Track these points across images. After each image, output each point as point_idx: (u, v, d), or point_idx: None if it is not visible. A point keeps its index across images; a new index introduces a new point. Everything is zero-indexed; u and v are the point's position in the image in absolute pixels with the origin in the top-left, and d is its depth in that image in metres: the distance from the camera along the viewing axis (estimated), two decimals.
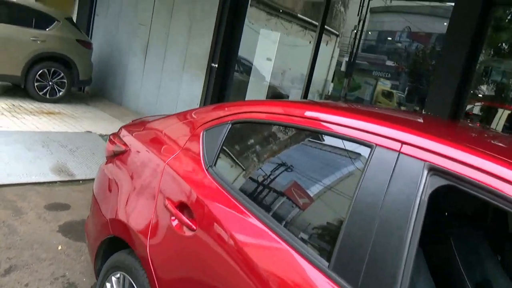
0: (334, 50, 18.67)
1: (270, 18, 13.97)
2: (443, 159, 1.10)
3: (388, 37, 22.34)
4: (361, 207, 1.17)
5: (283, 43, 12.10)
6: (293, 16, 13.35)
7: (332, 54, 18.60)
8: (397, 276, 1.05)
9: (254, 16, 13.48)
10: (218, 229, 1.46)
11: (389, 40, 22.27)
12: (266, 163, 1.58)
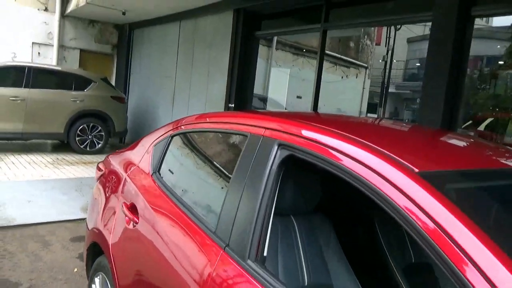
0: (365, 81, 18.79)
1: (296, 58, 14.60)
2: (289, 138, 1.38)
3: (417, 64, 22.13)
4: (236, 180, 1.46)
5: (296, 77, 12.59)
6: (311, 51, 13.82)
7: (363, 85, 18.71)
8: (253, 235, 1.31)
9: (280, 57, 14.16)
10: (152, 218, 1.79)
11: (418, 66, 22.01)
12: (189, 165, 1.91)
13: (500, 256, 0.82)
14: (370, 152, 1.12)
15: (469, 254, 0.85)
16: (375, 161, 1.08)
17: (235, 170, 1.49)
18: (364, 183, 1.08)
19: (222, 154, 1.74)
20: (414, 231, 0.96)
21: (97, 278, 2.30)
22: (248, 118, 1.62)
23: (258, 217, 1.32)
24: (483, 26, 11.65)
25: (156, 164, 2.05)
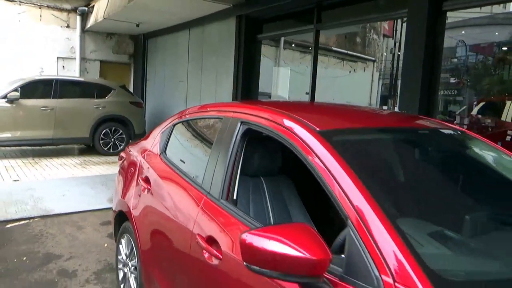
0: (373, 74, 19.14)
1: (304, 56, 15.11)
2: (247, 117, 2.00)
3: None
4: (215, 149, 2.09)
5: (303, 74, 13.16)
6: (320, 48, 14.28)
7: (372, 78, 19.06)
8: (224, 184, 1.93)
9: (288, 56, 14.72)
10: (160, 185, 2.44)
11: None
12: (186, 144, 2.55)
13: (358, 184, 1.35)
14: (290, 120, 1.73)
15: (342, 186, 1.39)
16: (292, 125, 1.69)
17: (214, 142, 2.13)
18: (286, 140, 1.68)
19: (207, 133, 2.37)
20: (314, 171, 1.53)
21: (123, 239, 2.97)
22: (224, 107, 2.25)
23: (227, 172, 1.94)
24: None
25: (163, 146, 2.70)
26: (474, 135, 2.20)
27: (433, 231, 1.39)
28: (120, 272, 3.01)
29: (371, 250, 1.18)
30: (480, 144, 2.07)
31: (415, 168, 1.79)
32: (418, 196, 1.59)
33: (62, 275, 3.38)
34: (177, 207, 2.18)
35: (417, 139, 1.92)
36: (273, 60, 13.07)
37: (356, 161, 1.46)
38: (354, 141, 1.71)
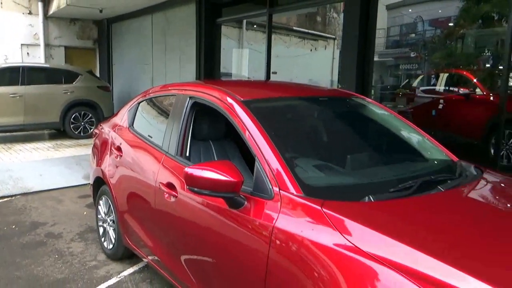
0: (334, 52, 19.95)
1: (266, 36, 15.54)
2: (194, 93, 2.62)
3: (398, 31, 23.16)
4: (171, 118, 2.70)
5: (261, 53, 13.76)
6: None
7: (333, 56, 19.88)
8: (179, 144, 2.55)
9: (251, 37, 15.19)
10: (130, 151, 3.03)
11: (399, 33, 23.04)
12: (149, 117, 3.15)
13: (272, 148, 2.00)
14: (222, 93, 2.36)
15: (253, 136, 2.04)
16: (223, 97, 2.32)
17: (170, 114, 2.74)
18: (220, 108, 2.32)
19: (165, 107, 2.98)
20: (237, 128, 2.17)
21: (101, 200, 3.56)
22: (177, 86, 2.86)
23: (180, 135, 2.56)
24: None
25: (130, 121, 3.29)
26: (370, 101, 2.91)
27: (317, 163, 2.08)
28: (101, 228, 3.61)
29: (268, 173, 1.85)
30: (371, 106, 2.78)
31: (311, 124, 2.48)
32: (311, 143, 2.28)
33: (49, 237, 3.94)
34: (144, 165, 2.79)
35: (316, 104, 2.61)
36: (236, 41, 13.52)
37: (265, 120, 2.12)
38: (266, 106, 2.36)
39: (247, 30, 14.15)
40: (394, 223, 1.59)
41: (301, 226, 1.62)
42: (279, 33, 16.95)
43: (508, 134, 5.95)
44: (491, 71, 7.06)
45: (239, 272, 1.89)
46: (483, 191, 2.08)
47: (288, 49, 17.05)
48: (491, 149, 6.08)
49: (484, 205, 1.95)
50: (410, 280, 1.28)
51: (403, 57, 21.30)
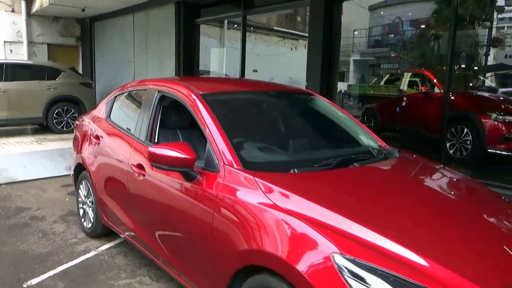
0: None
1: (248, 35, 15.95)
2: (162, 87, 3.04)
3: (379, 31, 23.79)
4: (142, 110, 3.11)
5: (250, 52, 14.14)
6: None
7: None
8: (149, 132, 2.96)
9: (233, 36, 15.59)
10: (107, 138, 3.44)
11: (381, 33, 23.64)
12: (124, 109, 3.56)
13: (220, 131, 2.43)
14: (184, 87, 2.79)
15: (206, 122, 2.47)
16: (184, 91, 2.75)
17: (142, 106, 3.15)
18: (182, 100, 2.74)
19: (138, 100, 3.39)
20: (195, 117, 2.59)
21: (81, 185, 3.95)
22: (148, 81, 3.27)
23: (150, 124, 2.97)
24: None
25: (108, 112, 3.69)
26: (318, 96, 3.37)
27: (260, 146, 2.52)
28: (81, 210, 4.00)
29: (216, 152, 2.29)
30: (316, 101, 3.25)
31: (258, 114, 2.93)
32: (257, 129, 2.73)
33: (34, 220, 4.30)
34: (118, 151, 3.20)
35: (264, 97, 3.06)
36: (218, 40, 13.92)
37: (218, 110, 2.55)
38: (221, 99, 2.80)
39: (228, 29, 14.56)
40: (307, 187, 2.04)
41: (237, 191, 2.06)
42: (260, 33, 17.42)
43: (460, 129, 6.51)
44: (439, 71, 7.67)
45: (194, 231, 2.31)
46: (389, 166, 2.56)
47: (269, 48, 17.51)
48: (446, 143, 6.64)
49: (384, 175, 2.43)
50: (310, 226, 1.73)
51: (383, 56, 22.04)
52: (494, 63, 14.99)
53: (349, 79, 24.80)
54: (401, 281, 1.51)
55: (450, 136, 6.60)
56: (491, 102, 6.96)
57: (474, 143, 6.27)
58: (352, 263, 1.57)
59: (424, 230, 1.81)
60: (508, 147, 6.05)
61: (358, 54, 26.52)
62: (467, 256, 1.70)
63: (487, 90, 11.71)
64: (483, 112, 6.27)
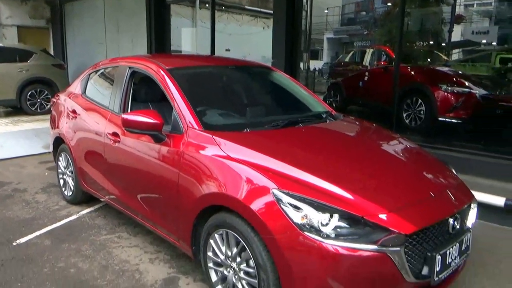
0: None
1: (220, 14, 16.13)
2: (132, 64, 3.36)
3: (352, 8, 24.15)
4: (115, 85, 3.44)
5: (222, 32, 14.28)
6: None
7: None
8: (121, 105, 3.30)
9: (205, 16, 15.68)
10: (83, 112, 3.75)
11: (354, 11, 24.01)
12: (98, 85, 3.87)
13: (183, 99, 2.78)
14: (152, 63, 3.13)
15: (172, 93, 2.83)
16: (152, 66, 3.09)
17: (115, 81, 3.48)
18: (150, 75, 3.08)
19: (111, 76, 3.71)
20: (163, 90, 2.94)
21: (60, 157, 4.26)
22: (120, 59, 3.59)
23: (123, 96, 3.31)
24: None
25: (83, 88, 3.99)
26: (275, 70, 3.77)
27: (220, 112, 2.92)
28: (61, 180, 4.32)
29: (180, 117, 2.66)
30: (272, 74, 3.64)
31: (219, 85, 3.31)
32: (218, 98, 3.12)
33: (16, 192, 4.59)
34: (95, 122, 3.53)
35: (225, 71, 3.44)
36: (190, 19, 14.02)
37: (183, 82, 2.91)
38: (185, 72, 3.16)
39: (200, 9, 14.65)
40: (256, 141, 2.46)
41: (198, 147, 2.46)
42: (232, 12, 17.58)
43: (415, 100, 7.06)
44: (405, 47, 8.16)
45: (164, 186, 2.70)
46: (329, 126, 3.01)
47: (241, 27, 17.70)
48: (403, 113, 7.20)
49: (322, 132, 2.88)
50: (255, 170, 2.15)
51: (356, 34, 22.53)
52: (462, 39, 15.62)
53: (323, 58, 25.24)
54: (322, 205, 1.95)
55: (406, 107, 7.15)
56: (442, 75, 7.52)
57: (426, 113, 6.83)
58: (287, 195, 2.01)
59: (343, 170, 2.27)
60: (456, 115, 6.64)
61: (332, 32, 26.90)
62: (374, 187, 2.17)
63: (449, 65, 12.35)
64: (435, 84, 6.82)
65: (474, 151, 4.71)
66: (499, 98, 7.04)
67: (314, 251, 1.91)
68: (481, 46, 11.36)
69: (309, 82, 15.84)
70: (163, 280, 2.78)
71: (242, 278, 2.24)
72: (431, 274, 2.07)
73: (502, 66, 8.54)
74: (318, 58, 26.12)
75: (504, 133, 6.08)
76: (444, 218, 2.14)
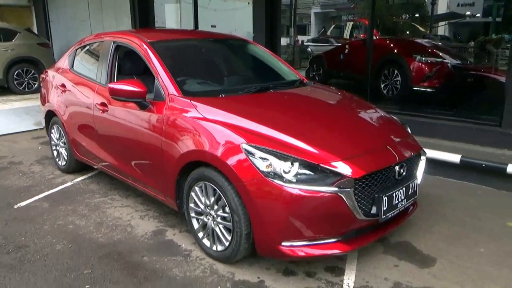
0: None
1: None
2: (116, 38, 3.61)
3: None
4: (101, 59, 3.69)
5: (207, 8, 14.26)
6: None
7: None
8: (108, 76, 3.56)
9: None
10: (72, 86, 4.01)
11: None
12: (85, 59, 4.11)
13: (164, 69, 3.06)
14: (134, 37, 3.38)
15: (154, 65, 3.10)
16: (135, 40, 3.34)
17: (100, 55, 3.73)
18: (133, 48, 3.33)
19: (97, 51, 3.95)
20: (145, 61, 3.21)
21: (53, 129, 4.53)
22: (105, 34, 3.82)
23: (108, 69, 3.57)
24: None
25: (71, 63, 4.23)
26: (252, 42, 4.04)
27: (199, 81, 3.21)
28: (55, 152, 4.60)
29: (162, 85, 2.95)
30: (250, 46, 3.93)
31: (199, 56, 3.59)
32: (197, 68, 3.41)
33: (12, 164, 4.87)
34: (83, 95, 3.79)
35: (205, 44, 3.71)
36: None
37: (164, 54, 3.18)
38: (167, 45, 3.42)
39: None
40: (229, 105, 2.77)
41: (178, 110, 2.77)
42: None
43: (391, 71, 7.37)
44: (383, 20, 8.40)
45: (149, 148, 3.01)
46: (296, 91, 3.34)
47: (226, 3, 17.64)
48: (380, 84, 7.53)
49: (289, 96, 3.20)
50: (228, 128, 2.48)
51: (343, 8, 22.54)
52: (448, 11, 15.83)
53: (310, 33, 25.33)
54: (284, 155, 2.29)
55: (383, 78, 7.47)
56: (417, 46, 7.82)
57: (402, 83, 7.17)
58: (254, 148, 2.34)
59: (304, 126, 2.62)
60: (430, 84, 6.99)
61: (319, 7, 26.90)
62: (330, 140, 2.53)
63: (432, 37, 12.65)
64: (410, 55, 7.13)
65: (441, 117, 5.09)
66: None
67: (277, 194, 2.25)
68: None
69: (296, 57, 16.03)
70: (152, 232, 3.13)
71: (219, 223, 2.59)
72: (378, 213, 2.44)
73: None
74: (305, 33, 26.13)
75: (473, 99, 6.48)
76: (389, 165, 2.50)
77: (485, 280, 2.49)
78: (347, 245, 2.42)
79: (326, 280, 2.51)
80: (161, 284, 2.47)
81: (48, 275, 2.58)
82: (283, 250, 2.34)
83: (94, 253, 2.83)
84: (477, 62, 9.24)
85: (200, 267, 2.64)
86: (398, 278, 2.52)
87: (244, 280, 2.50)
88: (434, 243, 2.92)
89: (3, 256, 2.81)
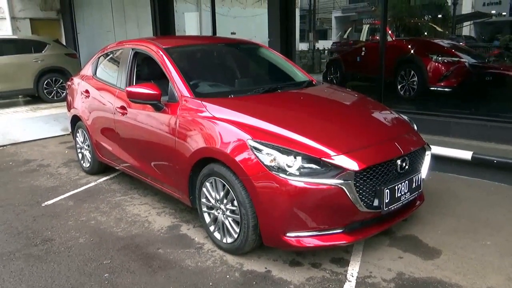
0: None
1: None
2: (135, 46, 3.84)
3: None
4: (121, 64, 3.92)
5: (227, 15, 14.60)
6: None
7: None
8: (127, 80, 3.79)
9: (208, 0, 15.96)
10: (95, 92, 4.26)
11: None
12: (107, 66, 4.36)
13: (178, 73, 3.24)
14: (151, 44, 3.59)
15: (169, 69, 3.29)
16: (152, 46, 3.55)
17: (120, 62, 3.96)
18: (150, 54, 3.54)
19: (118, 58, 4.20)
20: (160, 66, 3.40)
21: (78, 133, 4.80)
22: (125, 42, 4.06)
23: (127, 74, 3.80)
24: None
25: (94, 70, 4.49)
26: (263, 46, 4.20)
27: (210, 83, 3.38)
28: (79, 154, 4.87)
29: (176, 88, 3.13)
30: (261, 50, 4.08)
31: (211, 60, 3.77)
32: (209, 72, 3.59)
33: (41, 166, 5.18)
34: (105, 99, 4.03)
35: (216, 47, 3.89)
36: (194, 4, 14.38)
37: (178, 59, 3.38)
38: (181, 50, 3.61)
39: None
40: (237, 104, 2.93)
41: (190, 110, 2.95)
42: None
43: (408, 71, 7.37)
44: (397, 22, 8.43)
45: (165, 147, 3.19)
46: (304, 91, 3.45)
47: (245, 10, 17.97)
48: (397, 84, 7.54)
49: (296, 95, 3.32)
50: (235, 126, 2.63)
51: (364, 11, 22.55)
52: (473, 11, 15.55)
53: (331, 37, 25.23)
54: (287, 150, 2.42)
55: (400, 79, 7.47)
56: (434, 46, 7.79)
57: (419, 83, 7.15)
58: (259, 143, 2.48)
59: (308, 123, 2.75)
60: (447, 84, 6.95)
61: (340, 10, 26.78)
62: (333, 135, 2.64)
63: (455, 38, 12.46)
64: (426, 55, 7.12)
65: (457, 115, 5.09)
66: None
67: (280, 187, 2.38)
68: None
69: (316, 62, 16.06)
70: (168, 227, 3.31)
71: (228, 216, 2.74)
72: (381, 205, 2.53)
73: None
74: (326, 37, 26.05)
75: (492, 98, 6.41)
76: (391, 158, 2.58)
77: (487, 270, 2.53)
78: (351, 236, 2.52)
79: (330, 270, 2.61)
80: (173, 273, 2.63)
81: (71, 264, 2.79)
82: (288, 241, 2.46)
83: (113, 245, 3.03)
84: (500, 61, 9.09)
85: (211, 258, 2.79)
86: (401, 268, 2.59)
87: (252, 270, 2.63)
88: (440, 237, 2.97)
89: (32, 248, 3.04)
